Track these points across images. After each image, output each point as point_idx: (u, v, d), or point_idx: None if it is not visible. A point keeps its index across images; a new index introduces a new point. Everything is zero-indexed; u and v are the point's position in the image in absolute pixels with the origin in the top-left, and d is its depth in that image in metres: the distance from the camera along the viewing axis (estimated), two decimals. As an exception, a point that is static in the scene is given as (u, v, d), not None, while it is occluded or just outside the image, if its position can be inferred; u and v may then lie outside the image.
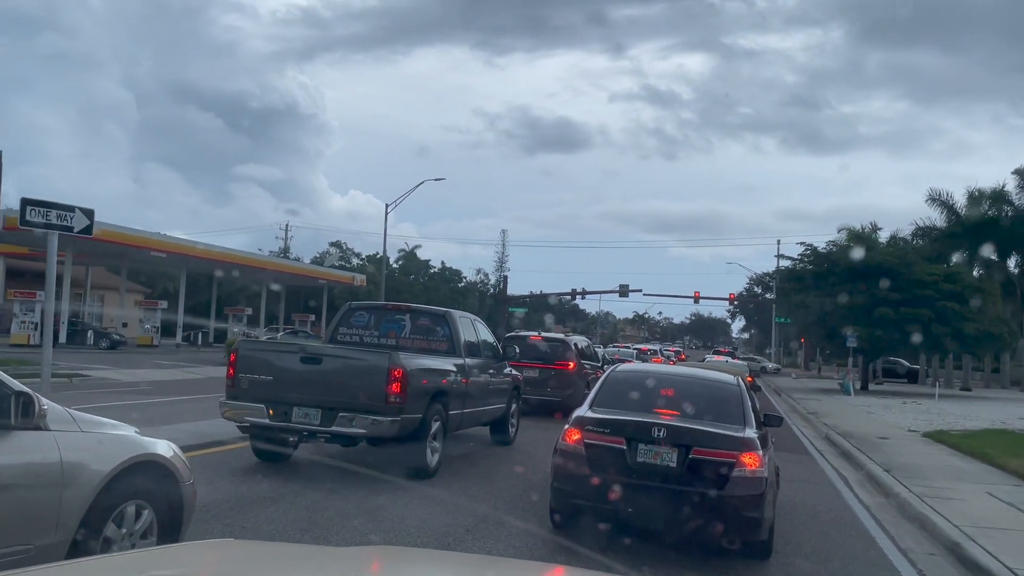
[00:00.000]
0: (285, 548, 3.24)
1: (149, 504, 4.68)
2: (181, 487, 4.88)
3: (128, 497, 4.56)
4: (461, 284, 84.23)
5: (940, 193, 44.76)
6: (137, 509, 4.63)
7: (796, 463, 13.13)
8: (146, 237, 42.48)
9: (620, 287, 73.26)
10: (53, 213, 8.66)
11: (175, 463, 4.91)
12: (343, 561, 2.35)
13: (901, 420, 22.24)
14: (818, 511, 9.61)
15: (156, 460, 4.79)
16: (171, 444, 5.09)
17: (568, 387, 17.44)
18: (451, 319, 11.70)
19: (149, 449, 4.79)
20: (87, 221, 9.07)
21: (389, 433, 9.00)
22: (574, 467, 6.92)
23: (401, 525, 7.45)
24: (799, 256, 43.97)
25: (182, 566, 2.19)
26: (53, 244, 8.78)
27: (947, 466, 13.37)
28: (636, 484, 6.69)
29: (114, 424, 4.95)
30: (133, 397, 17.95)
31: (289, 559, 2.43)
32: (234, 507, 7.74)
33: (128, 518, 4.56)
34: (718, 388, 8.21)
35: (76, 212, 8.93)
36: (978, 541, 7.84)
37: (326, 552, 2.88)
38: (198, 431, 11.64)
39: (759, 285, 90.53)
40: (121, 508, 4.51)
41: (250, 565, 2.21)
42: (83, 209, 9.03)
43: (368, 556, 2.65)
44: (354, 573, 2.16)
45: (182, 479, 4.90)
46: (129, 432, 4.95)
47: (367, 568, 2.28)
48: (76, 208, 8.94)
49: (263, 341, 19.78)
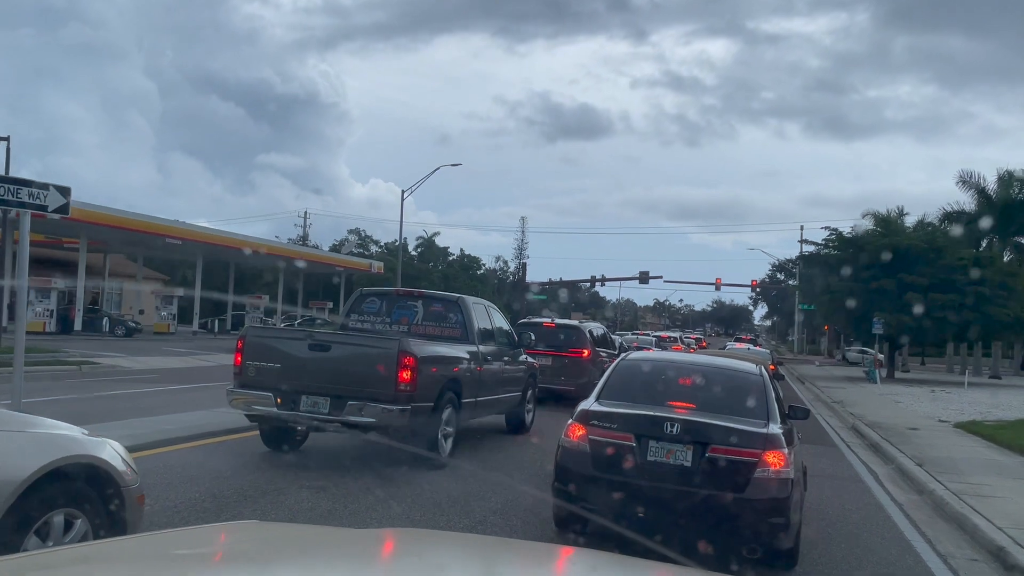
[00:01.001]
0: (306, 529, 3.26)
1: (82, 513, 4.09)
2: (123, 493, 4.28)
3: (55, 505, 3.98)
4: (480, 271, 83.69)
5: (971, 175, 43.48)
6: (67, 519, 4.05)
7: (822, 456, 12.45)
8: (162, 224, 42.21)
9: (640, 274, 72.33)
10: (24, 191, 8.16)
11: (116, 466, 4.31)
12: (361, 542, 2.42)
13: (931, 409, 21.40)
14: (847, 510, 8.92)
15: (92, 463, 4.19)
16: (115, 445, 4.50)
17: (582, 375, 16.82)
18: (464, 305, 11.42)
19: (83, 451, 4.19)
20: (63, 200, 8.56)
21: (399, 422, 8.80)
22: (578, 466, 6.27)
23: (413, 513, 7.39)
24: (823, 241, 42.92)
25: (206, 546, 2.21)
26: (25, 224, 8.28)
27: (983, 459, 12.62)
28: (646, 486, 6.02)
29: (53, 424, 4.37)
30: (137, 385, 17.57)
31: (310, 540, 2.44)
32: (240, 498, 7.55)
33: (55, 529, 3.97)
34: (739, 378, 7.51)
35: (51, 190, 8.41)
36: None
37: (345, 533, 2.90)
38: (189, 422, 11.14)
39: (782, 272, 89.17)
40: (46, 518, 3.93)
41: (273, 545, 2.25)
42: (58, 187, 8.52)
43: (384, 537, 2.75)
44: (371, 553, 2.21)
45: (124, 484, 4.30)
46: (70, 432, 4.36)
47: (383, 548, 2.35)
48: (51, 186, 8.42)
49: (271, 328, 19.45)
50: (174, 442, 9.74)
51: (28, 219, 8.30)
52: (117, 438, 8.79)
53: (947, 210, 43.86)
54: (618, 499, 5.93)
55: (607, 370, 7.84)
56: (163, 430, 10.23)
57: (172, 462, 8.76)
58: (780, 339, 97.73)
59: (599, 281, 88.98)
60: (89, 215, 35.15)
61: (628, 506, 5.95)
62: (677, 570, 2.36)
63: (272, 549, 2.20)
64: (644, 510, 6.00)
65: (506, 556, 2.42)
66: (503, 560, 2.30)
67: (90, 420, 10.39)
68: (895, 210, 41.12)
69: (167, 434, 10.00)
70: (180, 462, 8.79)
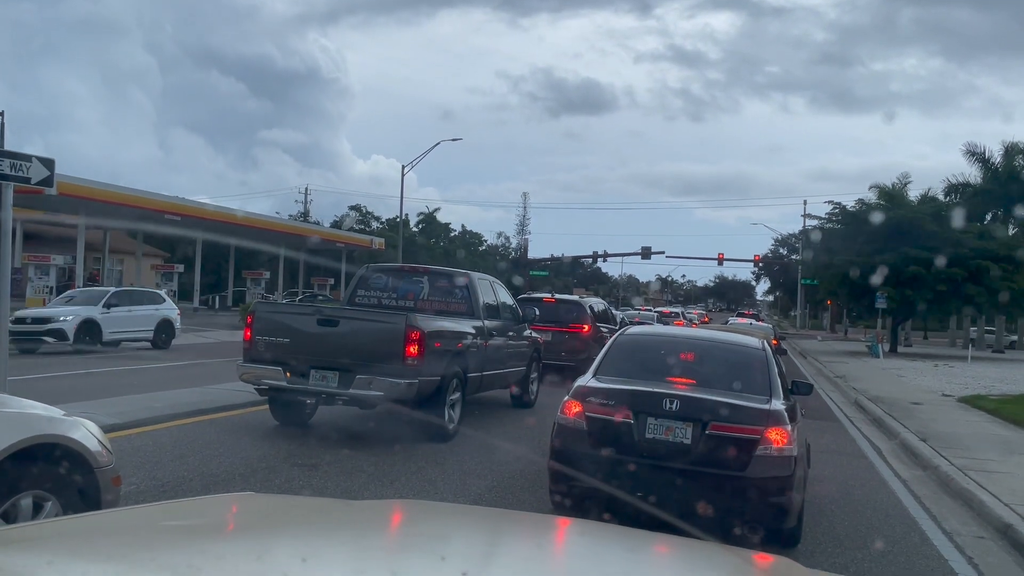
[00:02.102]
0: (306, 501, 3.22)
1: (52, 495, 3.92)
2: (96, 475, 4.10)
3: (23, 487, 3.80)
4: (482, 247, 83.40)
5: (977, 147, 42.96)
6: (36, 501, 3.87)
7: (824, 431, 12.29)
8: (161, 200, 41.89)
9: (642, 249, 71.91)
10: (6, 162, 7.95)
11: (89, 447, 4.12)
12: (364, 513, 2.38)
13: (934, 384, 21.24)
14: (850, 487, 8.76)
15: (63, 443, 4.00)
16: (89, 424, 4.31)
17: (582, 351, 16.64)
18: (469, 281, 11.55)
19: (53, 431, 4.01)
20: (47, 172, 8.35)
21: (407, 396, 8.89)
22: (574, 444, 6.09)
23: (410, 490, 7.37)
24: (827, 215, 42.56)
25: (201, 517, 2.16)
26: (7, 197, 8.06)
27: (988, 434, 12.45)
28: (645, 464, 5.84)
29: (23, 403, 4.18)
30: (134, 362, 17.43)
31: (310, 511, 2.39)
32: (229, 476, 7.43)
33: (24, 512, 3.80)
34: (740, 353, 7.31)
35: (33, 162, 8.20)
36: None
37: (347, 505, 2.82)
38: (182, 399, 10.99)
39: (784, 246, 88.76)
40: (13, 501, 3.75)
41: (270, 517, 2.21)
42: (42, 158, 8.31)
43: (389, 509, 2.73)
44: (371, 524, 2.19)
45: (98, 465, 4.12)
46: (41, 411, 4.17)
47: (384, 519, 2.32)
48: (33, 157, 8.21)
49: (280, 304, 19.50)
50: (165, 419, 9.60)
51: (11, 191, 8.09)
52: (108, 415, 8.73)
53: (951, 182, 43.39)
54: (615, 478, 5.74)
55: (606, 345, 7.65)
56: (153, 407, 10.09)
57: (162, 440, 8.61)
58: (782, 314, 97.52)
59: (601, 257, 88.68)
60: (87, 191, 34.89)
61: (626, 485, 5.77)
62: (676, 540, 2.25)
63: (267, 520, 2.17)
64: (642, 489, 5.81)
65: (507, 527, 2.42)
66: (504, 530, 2.28)
67: (81, 397, 10.29)
68: (899, 181, 40.68)
69: (157, 411, 9.85)
70: (170, 440, 8.64)
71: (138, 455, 7.73)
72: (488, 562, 1.86)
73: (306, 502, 3.16)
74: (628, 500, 5.84)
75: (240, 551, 1.80)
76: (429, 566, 1.73)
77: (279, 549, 1.79)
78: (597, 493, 5.97)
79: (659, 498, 5.78)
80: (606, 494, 5.89)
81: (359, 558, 1.80)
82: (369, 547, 1.93)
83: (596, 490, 5.95)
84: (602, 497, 5.99)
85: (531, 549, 2.12)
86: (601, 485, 5.88)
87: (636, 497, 5.81)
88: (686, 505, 5.75)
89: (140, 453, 7.85)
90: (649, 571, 2.01)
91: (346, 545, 1.91)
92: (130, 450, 7.73)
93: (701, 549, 2.27)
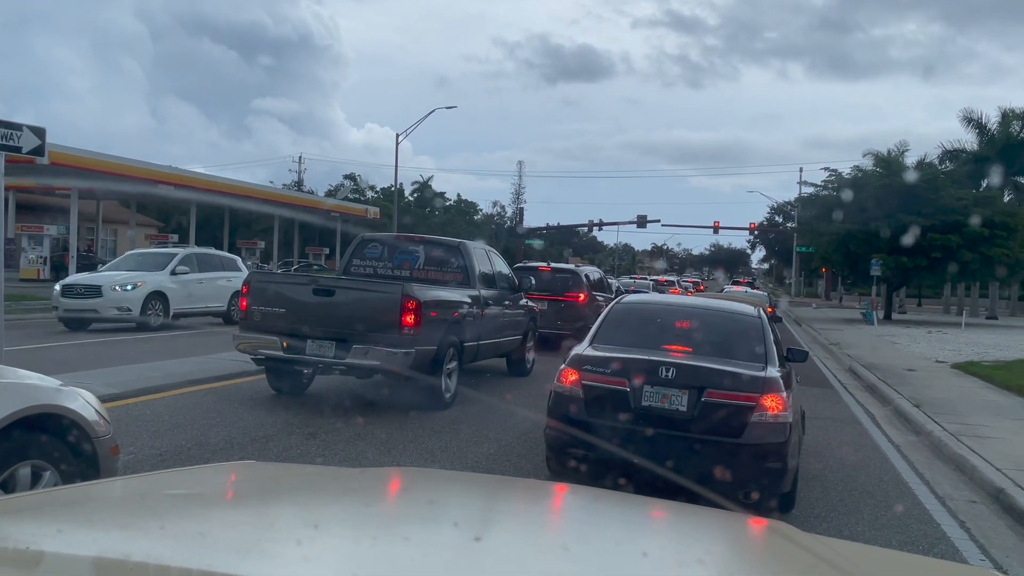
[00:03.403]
0: (305, 469, 3.23)
1: (51, 465, 3.93)
2: (95, 444, 4.10)
3: (21, 457, 3.81)
4: (477, 216, 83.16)
5: (975, 113, 42.74)
6: (34, 471, 3.88)
7: (819, 398, 12.36)
8: (154, 170, 41.56)
9: (638, 218, 71.77)
10: (-4, 131, 7.84)
11: (86, 416, 4.12)
12: (363, 480, 2.40)
13: (928, 350, 21.35)
14: (844, 452, 8.83)
15: (60, 413, 4.01)
16: (87, 395, 4.31)
17: (578, 320, 16.64)
18: (465, 250, 11.53)
19: (50, 400, 4.01)
20: (38, 141, 8.27)
21: (403, 365, 8.91)
22: (570, 412, 6.11)
23: (416, 454, 7.50)
24: (823, 182, 42.45)
25: (201, 485, 2.18)
26: (-1, 166, 7.96)
27: (981, 400, 12.54)
28: (641, 431, 5.87)
29: (20, 373, 4.17)
30: (130, 332, 17.38)
31: (311, 479, 2.43)
32: (227, 445, 7.45)
33: (22, 482, 3.81)
34: (736, 320, 7.33)
35: (24, 130, 8.11)
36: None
37: (347, 473, 2.88)
38: (179, 369, 10.99)
39: (780, 214, 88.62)
40: (11, 471, 3.76)
41: (273, 485, 2.23)
42: (32, 127, 8.22)
43: (383, 476, 2.78)
44: (370, 490, 2.21)
45: (96, 434, 4.12)
46: (38, 382, 4.17)
47: (383, 486, 2.35)
48: (24, 126, 8.12)
49: (275, 273, 19.35)
50: (162, 389, 9.61)
51: (1, 161, 8.02)
52: (104, 386, 8.73)
53: (947, 148, 43.22)
54: (612, 445, 5.78)
55: (602, 313, 7.66)
56: (151, 377, 10.10)
57: (160, 410, 8.62)
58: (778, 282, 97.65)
59: (596, 225, 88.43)
60: (79, 160, 34.60)
61: (622, 452, 5.81)
62: (672, 505, 2.27)
63: (271, 488, 2.18)
64: (639, 456, 5.85)
65: (504, 492, 2.45)
66: (501, 496, 2.31)
67: (78, 367, 10.28)
68: (896, 148, 40.50)
69: (154, 381, 9.86)
70: (167, 410, 8.65)
71: (136, 425, 7.76)
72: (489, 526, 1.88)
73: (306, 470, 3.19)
74: (625, 467, 5.89)
75: (248, 518, 1.81)
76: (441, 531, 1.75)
77: (288, 516, 1.80)
78: (594, 461, 6.01)
79: (655, 465, 5.82)
80: (603, 462, 5.94)
81: (367, 524, 1.81)
82: (374, 514, 1.95)
83: (593, 458, 6.00)
84: (599, 465, 6.04)
85: (531, 514, 2.14)
86: (598, 453, 5.93)
87: (633, 464, 5.86)
88: (682, 472, 5.78)
89: (138, 423, 7.87)
90: (646, 535, 2.02)
91: (352, 512, 1.93)
92: (128, 420, 7.75)
93: (697, 513, 2.29)
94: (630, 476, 6.04)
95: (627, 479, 5.95)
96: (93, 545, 1.45)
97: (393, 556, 1.51)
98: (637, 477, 5.61)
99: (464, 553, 1.58)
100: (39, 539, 1.46)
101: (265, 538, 1.59)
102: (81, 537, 1.53)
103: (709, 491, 5.89)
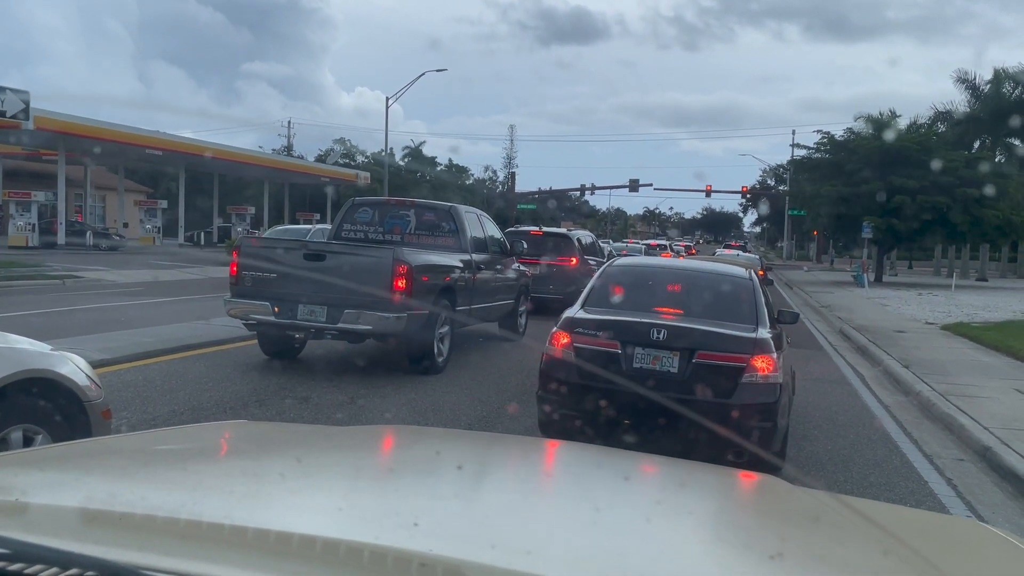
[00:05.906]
0: (299, 428, 3.24)
1: (43, 429, 3.93)
2: (87, 408, 4.11)
3: (13, 421, 3.81)
4: (469, 181, 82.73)
5: (968, 74, 42.58)
6: (26, 435, 3.89)
7: (809, 360, 12.42)
8: (141, 134, 41.14)
9: (630, 181, 71.72)
10: (-20, 96, 7.70)
11: (78, 381, 4.12)
12: (357, 438, 2.44)
13: (918, 312, 21.47)
14: (834, 412, 8.90)
15: (51, 377, 4.00)
16: (78, 359, 4.30)
17: (570, 284, 16.63)
18: (457, 214, 11.49)
19: (41, 365, 4.00)
20: (21, 104, 8.18)
21: (395, 329, 8.95)
22: (562, 375, 6.14)
23: (409, 417, 7.51)
24: (815, 145, 42.31)
25: (197, 441, 2.20)
26: (-17, 131, 7.83)
27: (970, 361, 12.64)
28: (632, 393, 5.90)
29: (9, 338, 4.15)
30: (121, 299, 17.35)
31: (304, 436, 2.47)
32: (220, 409, 7.50)
33: (14, 446, 3.81)
34: (727, 282, 7.34)
35: (7, 94, 8.01)
36: (1012, 445, 7.12)
37: (340, 431, 2.89)
38: (171, 334, 10.98)
39: (773, 178, 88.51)
40: (3, 435, 3.77)
41: (266, 441, 2.26)
42: (15, 90, 8.12)
43: (378, 433, 2.82)
44: (366, 446, 2.24)
45: (87, 399, 4.13)
46: (28, 346, 4.16)
47: (378, 442, 2.38)
48: (7, 89, 8.00)
49: (266, 238, 19.23)
50: (155, 354, 9.61)
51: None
52: (96, 351, 8.72)
53: (939, 109, 43.12)
54: (603, 407, 5.81)
55: (593, 276, 7.66)
56: (143, 343, 10.08)
57: (152, 375, 8.63)
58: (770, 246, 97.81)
59: (589, 189, 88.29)
60: (66, 126, 34.23)
61: (614, 413, 5.85)
62: (664, 459, 2.30)
63: (264, 444, 2.20)
64: (630, 417, 5.90)
65: (498, 448, 2.48)
66: (495, 451, 2.34)
67: (70, 333, 10.26)
68: (888, 113, 40.38)
69: (146, 346, 9.85)
70: (160, 375, 8.66)
71: (128, 390, 7.76)
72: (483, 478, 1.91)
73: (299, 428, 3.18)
74: (616, 429, 5.93)
75: (241, 470, 1.82)
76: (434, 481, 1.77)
77: (280, 468, 1.81)
78: (585, 422, 6.05)
79: (647, 426, 5.88)
80: (594, 423, 5.98)
81: (361, 476, 1.83)
82: (368, 466, 1.97)
83: (585, 419, 6.04)
84: (590, 426, 6.08)
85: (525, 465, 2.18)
86: (590, 414, 5.97)
87: (624, 425, 5.91)
88: (673, 432, 5.84)
89: (130, 388, 7.88)
90: (638, 487, 2.04)
91: (345, 465, 1.94)
92: (120, 385, 7.75)
93: (688, 467, 2.31)
94: (622, 438, 6.09)
95: (619, 441, 6.00)
96: (81, 496, 1.46)
97: (387, 505, 1.52)
98: (629, 438, 5.65)
99: (457, 503, 1.60)
100: (35, 490, 1.46)
101: (257, 488, 1.60)
102: (69, 489, 1.54)
103: (700, 450, 5.96)
